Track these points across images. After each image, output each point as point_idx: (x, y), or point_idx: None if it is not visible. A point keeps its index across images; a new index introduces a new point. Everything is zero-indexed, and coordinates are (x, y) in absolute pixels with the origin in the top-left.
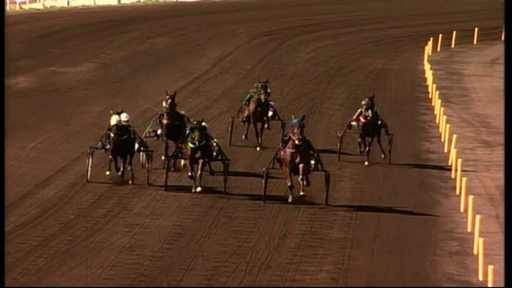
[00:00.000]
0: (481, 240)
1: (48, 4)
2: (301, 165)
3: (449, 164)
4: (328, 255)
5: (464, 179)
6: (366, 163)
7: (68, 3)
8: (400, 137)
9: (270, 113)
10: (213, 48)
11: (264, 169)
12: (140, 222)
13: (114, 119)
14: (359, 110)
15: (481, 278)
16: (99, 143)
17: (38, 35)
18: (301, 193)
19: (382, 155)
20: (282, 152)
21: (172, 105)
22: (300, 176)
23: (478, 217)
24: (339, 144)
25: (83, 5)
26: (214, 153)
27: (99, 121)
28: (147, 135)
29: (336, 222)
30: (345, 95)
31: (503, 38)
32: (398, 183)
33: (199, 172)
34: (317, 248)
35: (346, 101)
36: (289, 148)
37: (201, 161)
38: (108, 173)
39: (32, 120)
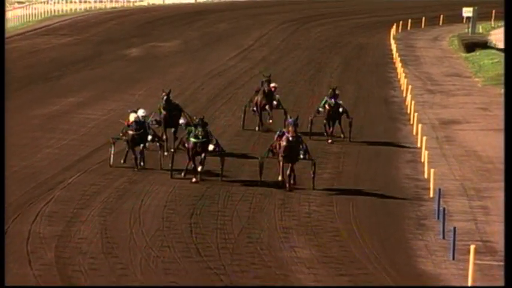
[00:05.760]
0: (426, 152)
1: (151, 1)
2: (291, 163)
3: (406, 104)
4: (328, 163)
5: (415, 113)
6: (330, 141)
7: (164, 1)
8: (375, 88)
9: (274, 103)
10: (255, 30)
11: (259, 158)
12: None
13: (132, 117)
14: (325, 98)
15: (425, 177)
16: (120, 134)
17: (144, 21)
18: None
19: (342, 135)
20: (277, 145)
21: (168, 100)
22: (288, 172)
23: (424, 138)
24: (309, 125)
25: (173, 2)
26: (212, 147)
27: (182, 77)
28: (151, 124)
29: (334, 142)
30: (340, 60)
31: (441, 23)
32: (374, 116)
33: (199, 168)
34: (321, 159)
35: (340, 64)
36: (283, 141)
37: (199, 157)
38: (122, 161)
39: (139, 77)
